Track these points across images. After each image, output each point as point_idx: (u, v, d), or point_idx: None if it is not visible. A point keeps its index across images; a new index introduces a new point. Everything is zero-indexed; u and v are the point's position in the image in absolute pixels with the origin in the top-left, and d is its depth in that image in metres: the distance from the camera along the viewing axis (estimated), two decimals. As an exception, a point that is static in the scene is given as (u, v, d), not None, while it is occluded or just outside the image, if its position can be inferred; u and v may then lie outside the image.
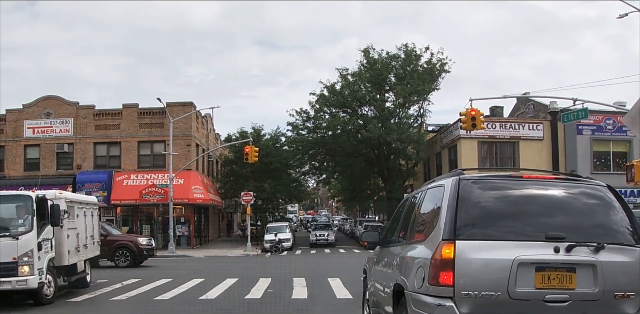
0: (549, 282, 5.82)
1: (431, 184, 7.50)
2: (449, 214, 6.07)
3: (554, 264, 5.84)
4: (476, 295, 5.73)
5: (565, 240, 5.91)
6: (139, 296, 16.49)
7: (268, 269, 25.52)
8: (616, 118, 42.97)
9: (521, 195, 6.41)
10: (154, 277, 21.36)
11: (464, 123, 27.36)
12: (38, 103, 48.13)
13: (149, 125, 47.41)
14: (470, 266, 5.78)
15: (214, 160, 59.41)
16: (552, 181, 6.69)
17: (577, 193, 6.45)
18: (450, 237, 5.90)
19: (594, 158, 43.58)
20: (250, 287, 17.77)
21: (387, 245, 8.85)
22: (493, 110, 49.01)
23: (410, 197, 8.63)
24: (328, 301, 14.89)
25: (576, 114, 28.87)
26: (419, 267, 6.18)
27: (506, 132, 44.30)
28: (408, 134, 48.04)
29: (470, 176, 6.47)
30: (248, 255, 40.82)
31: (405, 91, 48.35)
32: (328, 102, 51.86)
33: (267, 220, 61.31)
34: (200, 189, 46.26)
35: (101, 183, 45.65)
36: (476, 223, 6.03)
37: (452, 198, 6.19)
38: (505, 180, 6.55)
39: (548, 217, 6.18)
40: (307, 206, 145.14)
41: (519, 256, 5.79)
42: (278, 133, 58.94)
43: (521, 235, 5.98)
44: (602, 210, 6.37)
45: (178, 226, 44.49)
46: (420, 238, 6.65)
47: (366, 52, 52.07)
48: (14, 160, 47.52)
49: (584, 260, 5.89)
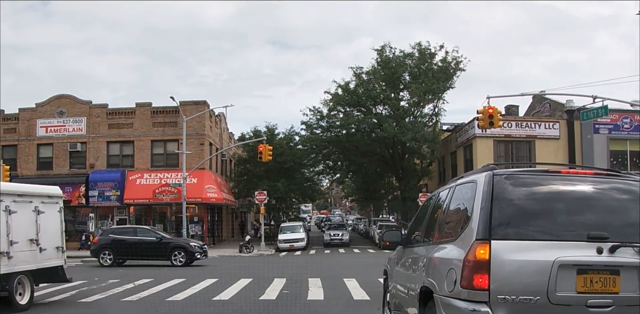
0: (592, 285, 5.38)
1: (460, 180, 7.01)
2: (482, 212, 5.62)
3: (596, 267, 5.39)
4: (513, 300, 5.29)
5: (608, 240, 5.46)
6: (151, 296, 16.19)
7: (282, 269, 25.20)
8: (633, 117, 42.47)
9: (560, 191, 5.95)
10: (166, 277, 21.06)
11: (481, 121, 26.90)
12: (51, 102, 48.08)
13: (162, 124, 47.26)
14: (506, 269, 5.34)
15: (228, 159, 59.17)
16: (592, 176, 6.24)
17: (619, 189, 6.00)
18: (484, 237, 5.46)
19: (611, 157, 43.04)
20: (265, 287, 17.45)
21: (410, 245, 8.42)
22: (508, 109, 48.59)
23: (437, 194, 8.15)
24: (345, 303, 14.55)
25: (596, 112, 28.35)
26: (449, 269, 5.74)
27: (522, 130, 43.90)
28: (423, 133, 47.68)
29: (504, 172, 6.03)
30: (262, 254, 40.54)
31: (420, 90, 48.00)
32: (342, 101, 51.64)
33: (281, 219, 61.06)
34: (213, 188, 45.99)
35: (114, 183, 45.55)
36: (512, 222, 5.59)
37: (485, 194, 5.74)
38: (542, 176, 6.09)
39: (589, 215, 5.74)
40: (321, 205, 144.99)
41: (559, 257, 5.34)
42: (292, 132, 58.75)
43: (561, 234, 5.53)
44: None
45: (191, 226, 44.32)
46: (450, 238, 6.22)
47: (381, 51, 51.74)
48: (27, 159, 47.50)
49: (628, 262, 5.44)
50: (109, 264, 28.69)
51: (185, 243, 29.84)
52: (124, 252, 29.23)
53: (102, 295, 16.52)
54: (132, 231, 30.92)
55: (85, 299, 15.69)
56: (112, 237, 29.62)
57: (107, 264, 28.69)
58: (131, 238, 29.50)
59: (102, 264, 28.76)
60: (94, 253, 29.71)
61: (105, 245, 29.32)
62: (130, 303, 15.00)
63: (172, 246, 29.11)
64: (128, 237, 29.57)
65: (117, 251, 29.11)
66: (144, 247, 28.82)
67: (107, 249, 29.17)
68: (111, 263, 28.85)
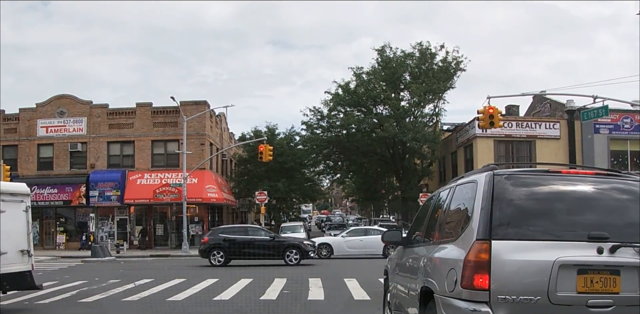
0: (592, 286, 5.38)
1: (460, 180, 7.00)
2: (483, 212, 5.62)
3: (597, 267, 5.39)
4: (514, 300, 5.28)
5: (608, 240, 5.46)
6: (151, 296, 16.17)
7: (283, 269, 25.17)
8: (633, 117, 42.46)
9: (560, 191, 5.94)
10: (167, 277, 21.07)
11: (481, 121, 26.91)
12: (51, 102, 48.08)
13: (162, 124, 47.26)
14: (507, 269, 5.34)
15: (228, 159, 59.18)
16: (593, 176, 6.24)
17: (619, 189, 5.99)
18: (485, 237, 5.45)
19: (611, 157, 43.03)
20: (266, 287, 17.43)
21: (410, 245, 8.42)
22: (509, 109, 48.58)
23: (437, 194, 8.15)
24: (345, 303, 14.53)
25: (596, 112, 28.36)
26: (450, 269, 5.73)
27: (522, 130, 43.89)
28: (423, 133, 47.73)
29: (505, 172, 6.02)
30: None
31: (421, 90, 48.04)
32: (342, 101, 51.68)
33: (282, 219, 61.06)
34: (214, 188, 45.99)
35: (115, 183, 45.55)
36: (512, 222, 5.59)
37: (486, 194, 5.73)
38: (543, 176, 6.09)
39: (590, 215, 5.73)
40: (321, 205, 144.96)
41: (560, 257, 5.34)
42: (292, 132, 58.80)
43: (561, 234, 5.53)
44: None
45: (192, 226, 44.35)
46: (450, 238, 6.22)
47: (381, 51, 51.77)
48: (28, 159, 47.52)
49: (629, 262, 5.43)
50: (220, 264, 27.89)
51: (299, 242, 29.46)
52: (236, 252, 28.33)
53: (103, 295, 16.50)
54: (242, 231, 30.67)
55: (85, 299, 15.66)
56: (223, 236, 28.96)
57: (218, 264, 27.87)
58: (243, 237, 28.99)
59: (213, 264, 27.92)
60: (204, 253, 28.85)
61: (216, 245, 28.52)
62: (131, 303, 14.99)
63: (285, 245, 28.68)
64: (239, 236, 29.09)
65: (229, 251, 28.37)
66: (257, 246, 28.23)
67: (218, 249, 28.39)
68: (222, 262, 28.03)
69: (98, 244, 37.55)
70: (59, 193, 45.99)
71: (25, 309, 14.13)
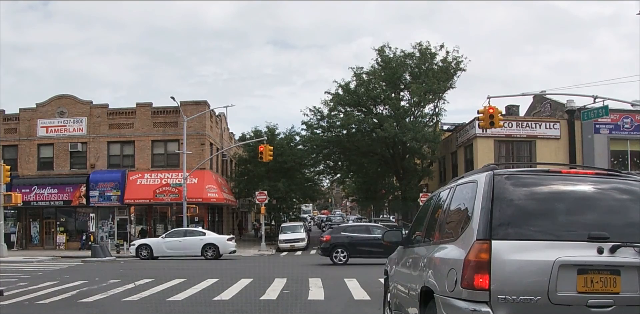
0: (592, 286, 5.38)
1: (461, 180, 7.00)
2: (483, 212, 5.62)
3: (597, 267, 5.39)
4: (514, 300, 5.28)
5: (609, 240, 5.46)
6: (152, 296, 16.15)
7: (283, 269, 25.20)
8: (634, 116, 42.46)
9: (561, 191, 5.95)
10: (167, 277, 21.06)
11: (482, 121, 26.92)
12: (52, 102, 48.12)
13: (162, 124, 47.30)
14: (507, 269, 5.34)
15: (228, 159, 59.21)
16: (593, 176, 6.24)
17: (619, 189, 5.99)
18: (485, 237, 5.46)
19: (612, 157, 43.04)
20: (266, 288, 17.42)
21: (411, 245, 8.42)
22: (509, 109, 48.59)
23: (437, 194, 8.15)
24: (346, 303, 14.51)
25: (596, 112, 28.37)
26: (450, 269, 5.74)
27: (523, 130, 43.88)
28: (423, 133, 47.70)
29: (505, 172, 6.02)
30: (263, 254, 40.57)
31: (421, 89, 48.02)
32: (343, 101, 51.65)
33: (282, 219, 61.06)
34: (214, 188, 46.02)
35: (115, 183, 45.60)
36: (512, 222, 5.59)
37: (486, 194, 5.74)
38: (543, 176, 6.10)
39: (590, 215, 5.73)
40: (321, 205, 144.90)
41: (560, 257, 5.34)
42: (292, 132, 58.77)
43: (561, 234, 5.53)
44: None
45: (192, 226, 44.26)
46: (450, 238, 6.22)
47: (381, 51, 51.76)
48: (28, 159, 47.56)
49: (629, 262, 5.43)
50: (342, 262, 27.80)
51: None
52: (359, 250, 28.28)
53: (103, 295, 16.49)
54: (364, 229, 30.51)
55: (85, 299, 15.65)
56: (346, 235, 28.93)
57: (341, 262, 27.80)
58: (366, 235, 28.82)
59: (335, 263, 27.86)
60: (326, 251, 28.69)
61: (339, 243, 28.43)
62: (131, 303, 14.98)
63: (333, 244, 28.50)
64: (363, 235, 28.99)
65: (352, 250, 28.29)
66: (376, 245, 26.86)
67: (342, 247, 28.30)
68: (343, 262, 27.93)
69: (98, 244, 37.60)
70: (59, 193, 46.04)
71: (25, 309, 14.11)
